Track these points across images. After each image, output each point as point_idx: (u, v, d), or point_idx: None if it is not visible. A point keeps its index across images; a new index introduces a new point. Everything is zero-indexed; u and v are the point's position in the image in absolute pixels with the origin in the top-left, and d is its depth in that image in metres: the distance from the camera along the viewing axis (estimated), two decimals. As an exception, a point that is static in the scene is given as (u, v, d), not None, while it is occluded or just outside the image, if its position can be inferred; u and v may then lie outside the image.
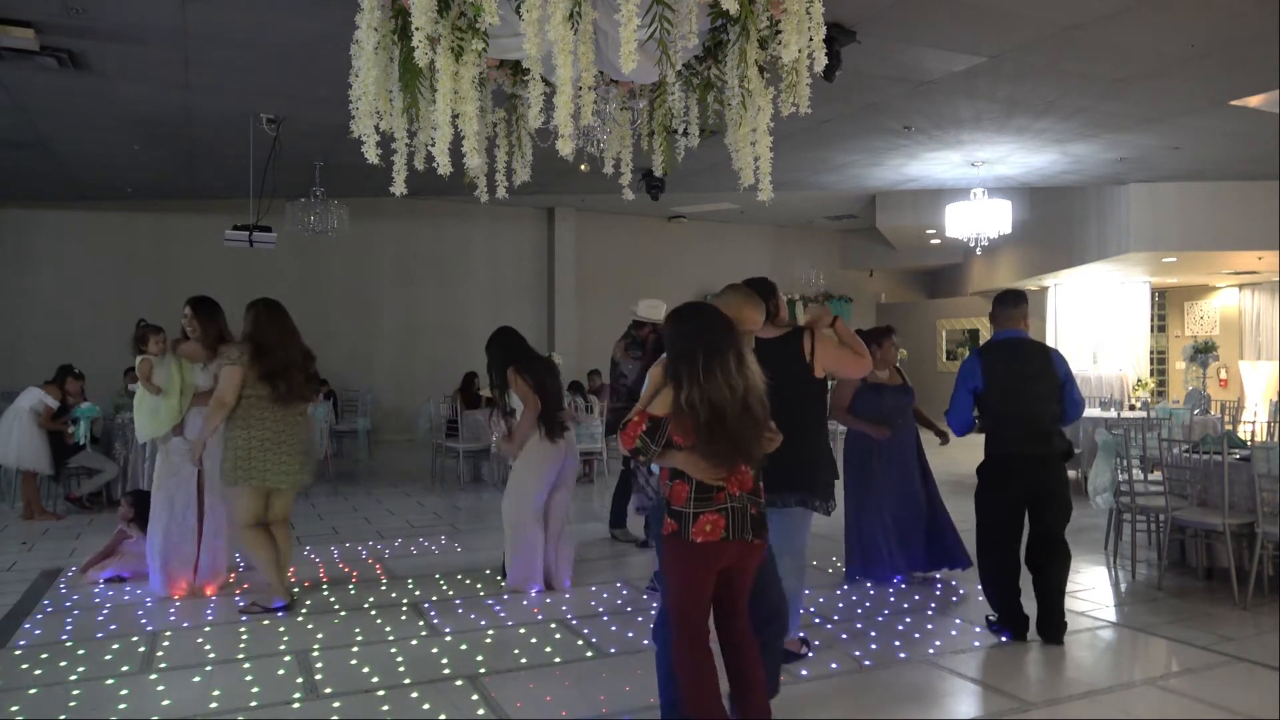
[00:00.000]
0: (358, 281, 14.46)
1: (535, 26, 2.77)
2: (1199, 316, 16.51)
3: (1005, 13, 5.75)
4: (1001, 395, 4.47)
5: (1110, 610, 5.03)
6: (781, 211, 15.15)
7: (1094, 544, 6.51)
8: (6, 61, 6.34)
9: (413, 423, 13.08)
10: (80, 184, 11.32)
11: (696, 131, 3.68)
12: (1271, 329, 14.69)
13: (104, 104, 7.67)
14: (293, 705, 3.63)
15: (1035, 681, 3.95)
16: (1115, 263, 12.40)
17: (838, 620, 4.75)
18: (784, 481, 3.77)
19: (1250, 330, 15.22)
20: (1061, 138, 8.94)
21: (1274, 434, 8.28)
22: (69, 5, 5.51)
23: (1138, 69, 6.80)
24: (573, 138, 2.95)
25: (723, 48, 3.34)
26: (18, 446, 7.49)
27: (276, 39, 6.23)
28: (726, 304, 3.34)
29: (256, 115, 8.06)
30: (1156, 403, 12.66)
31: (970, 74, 6.93)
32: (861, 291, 18.12)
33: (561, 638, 4.47)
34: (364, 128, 3.22)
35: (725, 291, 3.50)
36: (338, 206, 9.75)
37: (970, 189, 10.73)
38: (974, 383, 4.52)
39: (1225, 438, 5.46)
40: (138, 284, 12.80)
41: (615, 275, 15.71)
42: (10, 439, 7.49)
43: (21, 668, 4.03)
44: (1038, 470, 4.43)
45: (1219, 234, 11.38)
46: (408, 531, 7.16)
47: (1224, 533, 5.05)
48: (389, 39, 3.17)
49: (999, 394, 4.48)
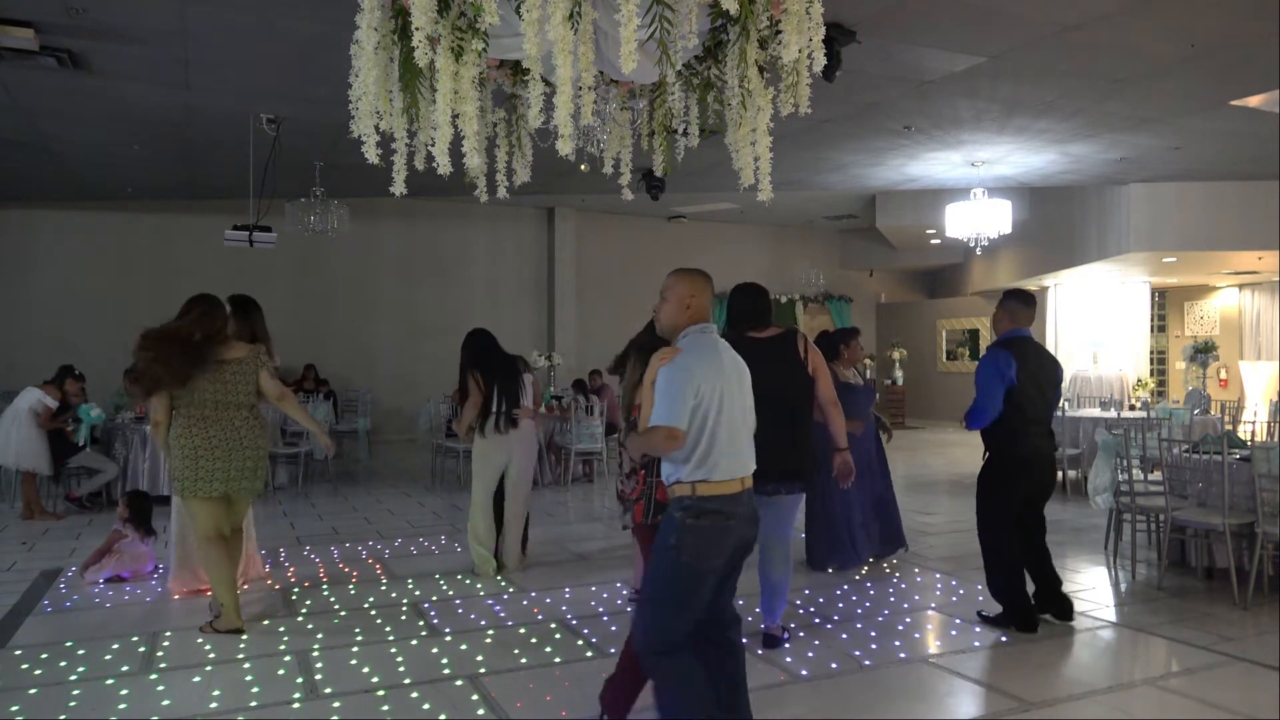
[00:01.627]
0: (358, 281, 14.46)
1: (535, 26, 2.77)
2: (1199, 316, 16.51)
3: (1005, 13, 5.75)
4: (1026, 392, 4.53)
5: (1110, 610, 5.03)
6: (781, 211, 15.15)
7: (1094, 544, 6.52)
8: (6, 61, 6.34)
9: (413, 423, 13.08)
10: (80, 184, 11.32)
11: (696, 131, 3.68)
12: (1271, 329, 14.69)
13: (104, 104, 7.66)
14: (293, 705, 3.63)
15: (1035, 681, 3.95)
16: (1115, 263, 12.40)
17: (838, 620, 4.75)
18: (780, 472, 4.04)
19: (1250, 330, 15.22)
20: (1061, 138, 8.94)
21: (1274, 434, 8.28)
22: (69, 5, 5.50)
23: (1137, 69, 6.79)
24: (573, 138, 2.94)
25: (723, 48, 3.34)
26: (17, 447, 7.48)
27: (276, 39, 6.23)
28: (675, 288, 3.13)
29: (256, 115, 8.05)
30: (1156, 403, 12.66)
31: (970, 74, 6.93)
32: (861, 291, 18.12)
33: (561, 638, 4.47)
34: (364, 128, 3.22)
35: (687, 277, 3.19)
36: (338, 206, 9.75)
37: (970, 189, 10.73)
38: (1010, 375, 4.50)
39: (1225, 438, 5.46)
40: (138, 284, 12.79)
41: (615, 275, 15.71)
42: (10, 440, 7.48)
43: (21, 668, 4.03)
44: (1049, 467, 4.75)
45: (1219, 234, 11.38)
46: (408, 531, 7.16)
47: (1224, 533, 5.05)
48: (389, 39, 3.16)
49: (1025, 391, 4.53)
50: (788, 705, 3.66)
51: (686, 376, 2.87)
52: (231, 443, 4.46)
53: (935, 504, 8.34)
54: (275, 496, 8.82)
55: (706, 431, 2.89)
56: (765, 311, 4.34)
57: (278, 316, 15.65)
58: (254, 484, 4.61)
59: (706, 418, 2.89)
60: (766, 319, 4.31)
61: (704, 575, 2.93)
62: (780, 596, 4.29)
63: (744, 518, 2.98)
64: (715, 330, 3.09)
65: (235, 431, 4.48)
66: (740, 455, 2.99)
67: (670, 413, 2.85)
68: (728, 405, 2.93)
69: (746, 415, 3.06)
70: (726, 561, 2.98)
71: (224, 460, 4.44)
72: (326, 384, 13.03)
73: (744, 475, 2.99)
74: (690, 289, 3.09)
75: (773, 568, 4.28)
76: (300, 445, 9.35)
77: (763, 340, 4.22)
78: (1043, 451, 4.64)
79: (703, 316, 3.09)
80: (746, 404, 3.06)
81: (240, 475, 4.51)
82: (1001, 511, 4.61)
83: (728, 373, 2.99)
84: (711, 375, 2.93)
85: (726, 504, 2.92)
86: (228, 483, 4.48)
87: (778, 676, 3.94)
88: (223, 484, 4.47)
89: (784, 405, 4.07)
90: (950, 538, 6.81)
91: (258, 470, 4.60)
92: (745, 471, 3.00)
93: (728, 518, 2.92)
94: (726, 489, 2.92)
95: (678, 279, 3.14)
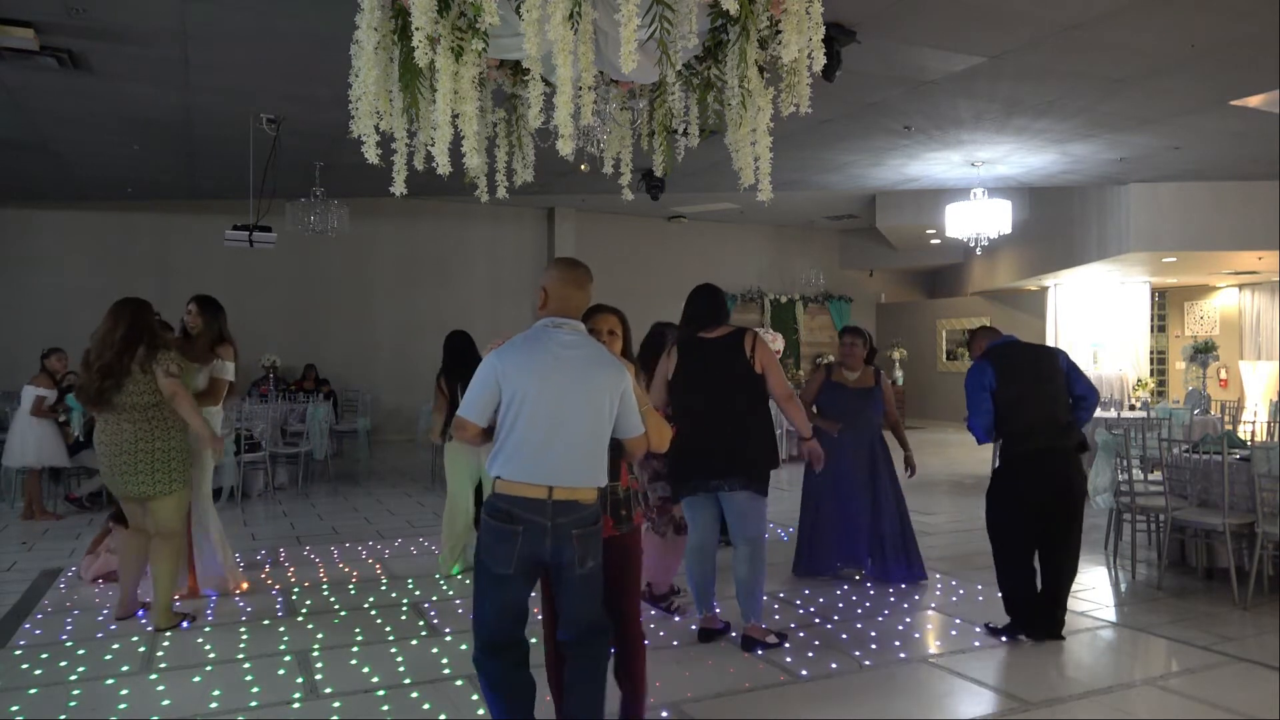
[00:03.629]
0: (358, 281, 14.46)
1: (535, 26, 2.77)
2: (1199, 316, 16.51)
3: (1005, 13, 5.75)
4: (1016, 395, 4.47)
5: (1110, 610, 5.03)
6: (781, 211, 15.15)
7: (1094, 544, 6.51)
8: (6, 61, 6.34)
9: (413, 423, 13.07)
10: (80, 184, 11.33)
11: (696, 131, 3.68)
12: (1271, 329, 14.68)
13: (104, 104, 7.67)
14: (293, 705, 3.63)
15: (1035, 681, 3.95)
16: (1115, 263, 12.40)
17: (838, 620, 4.75)
18: (724, 468, 4.17)
19: (1250, 330, 15.22)
20: (1061, 138, 8.94)
21: (1274, 434, 8.28)
22: (69, 5, 5.51)
23: (1138, 69, 6.80)
24: (573, 138, 2.94)
25: (723, 48, 3.33)
26: (36, 446, 7.57)
27: (276, 39, 6.23)
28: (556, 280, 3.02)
29: (256, 115, 8.05)
30: (1156, 403, 12.66)
31: (970, 74, 6.93)
32: (861, 291, 18.12)
33: (561, 638, 4.47)
34: (364, 128, 3.22)
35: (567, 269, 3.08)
36: (338, 206, 9.76)
37: (970, 189, 10.73)
38: (988, 382, 4.46)
39: (1225, 438, 5.46)
40: (138, 284, 12.77)
41: (615, 275, 15.67)
42: (28, 442, 7.58)
43: (21, 668, 4.03)
44: (1059, 464, 4.42)
45: (1219, 234, 11.38)
46: (408, 531, 7.16)
47: (1224, 533, 5.05)
48: (389, 39, 3.16)
49: (1013, 395, 4.47)
50: (788, 705, 3.66)
51: (490, 370, 2.80)
52: (115, 444, 4.49)
53: (935, 504, 8.34)
54: (275, 496, 8.83)
55: (508, 428, 2.77)
56: (716, 311, 4.41)
57: (278, 316, 15.72)
58: (137, 485, 4.50)
59: (513, 415, 2.76)
60: (718, 319, 4.39)
61: (498, 579, 2.77)
62: (751, 596, 4.25)
63: (537, 528, 2.73)
64: (570, 327, 2.91)
65: (120, 433, 4.49)
66: (550, 462, 2.75)
67: (465, 402, 2.83)
68: (544, 406, 2.75)
69: (579, 422, 2.79)
70: (519, 571, 2.76)
71: (107, 460, 4.53)
72: (327, 384, 13.04)
73: (552, 484, 2.75)
74: (549, 281, 2.99)
75: (738, 566, 4.28)
76: (300, 445, 9.36)
77: (711, 340, 4.32)
78: (1051, 448, 4.39)
79: (560, 310, 2.93)
80: (581, 409, 2.79)
81: (119, 473, 4.50)
82: (1011, 515, 4.49)
83: (554, 374, 2.78)
84: (525, 373, 2.77)
85: (516, 506, 2.74)
86: (112, 482, 4.57)
87: (778, 677, 3.94)
88: (109, 483, 4.61)
89: (729, 403, 4.20)
90: (950, 538, 6.81)
91: (141, 470, 4.48)
92: (555, 480, 2.75)
93: (513, 521, 2.73)
94: (520, 491, 2.74)
95: (546, 270, 3.04)
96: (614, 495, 3.12)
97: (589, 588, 2.85)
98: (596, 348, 2.94)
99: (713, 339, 4.32)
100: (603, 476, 2.86)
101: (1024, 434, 4.45)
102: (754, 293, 16.99)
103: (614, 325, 3.36)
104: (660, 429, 3.14)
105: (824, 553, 5.57)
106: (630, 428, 2.94)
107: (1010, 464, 4.50)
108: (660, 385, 4.42)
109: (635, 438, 2.97)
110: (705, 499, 4.30)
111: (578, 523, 2.78)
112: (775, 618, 4.78)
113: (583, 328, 2.98)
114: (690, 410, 4.27)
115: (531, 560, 2.78)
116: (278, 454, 9.21)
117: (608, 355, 2.95)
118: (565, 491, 2.76)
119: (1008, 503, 4.51)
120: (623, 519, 3.15)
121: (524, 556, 2.76)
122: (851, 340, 5.60)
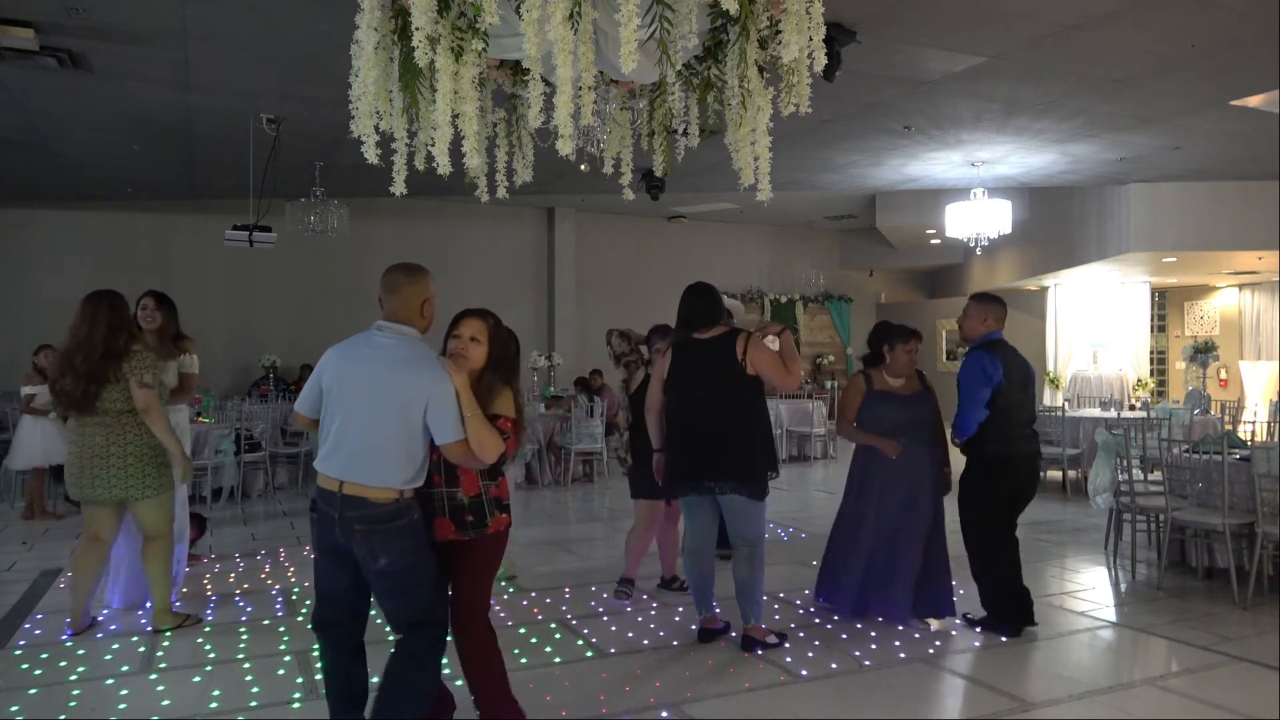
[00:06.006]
0: (358, 281, 14.40)
1: (535, 26, 2.77)
2: (1199, 316, 16.51)
3: (1005, 13, 5.75)
4: (1011, 394, 4.50)
5: (1110, 610, 5.03)
6: (781, 211, 15.15)
7: (1094, 544, 6.52)
8: (6, 61, 6.34)
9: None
10: (80, 184, 11.32)
11: (696, 131, 3.68)
12: (1271, 329, 14.69)
13: (104, 104, 7.66)
14: (293, 705, 3.63)
15: (1035, 681, 3.95)
16: (1115, 263, 12.40)
17: (838, 620, 4.75)
18: (716, 470, 4.14)
19: (1250, 330, 15.22)
20: (1061, 138, 8.94)
21: (1274, 434, 8.28)
22: (69, 5, 5.50)
23: (1138, 69, 6.79)
24: (573, 138, 2.94)
25: (723, 48, 3.34)
26: (43, 446, 7.54)
27: (276, 39, 6.23)
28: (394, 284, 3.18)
29: (256, 115, 8.05)
30: (1156, 403, 12.66)
31: (970, 74, 6.93)
32: (861, 291, 18.11)
33: (561, 638, 4.47)
34: (364, 128, 3.22)
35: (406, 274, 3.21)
36: (338, 206, 9.75)
37: (970, 189, 10.73)
38: (997, 377, 4.45)
39: (1225, 438, 5.46)
40: (138, 284, 12.72)
41: (615, 275, 15.71)
42: (34, 442, 7.55)
43: (21, 668, 4.03)
44: (1034, 469, 4.71)
45: (1219, 234, 11.37)
46: (408, 531, 7.15)
47: (1224, 533, 5.05)
48: (389, 39, 3.16)
49: (1010, 392, 4.50)
50: (788, 705, 3.66)
51: (318, 367, 3.04)
52: (87, 449, 4.40)
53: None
54: (275, 496, 8.82)
55: (323, 423, 2.98)
56: (710, 311, 4.35)
57: (278, 316, 15.69)
58: (109, 489, 4.41)
59: (324, 410, 2.98)
60: (712, 319, 4.34)
61: (314, 562, 3.05)
62: (749, 597, 4.26)
63: (328, 518, 2.91)
64: (392, 330, 3.03)
65: (91, 437, 4.39)
66: (342, 457, 2.88)
67: (300, 396, 3.09)
68: (342, 403, 2.92)
69: (370, 421, 2.87)
70: (323, 556, 2.99)
71: (76, 464, 4.41)
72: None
73: (343, 478, 2.86)
74: (383, 284, 3.18)
75: (737, 567, 4.29)
76: (300, 445, 9.35)
77: (704, 341, 4.29)
78: (1028, 452, 4.59)
79: (387, 314, 3.10)
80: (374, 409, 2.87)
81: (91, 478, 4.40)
82: (993, 514, 4.53)
83: (355, 373, 2.93)
84: (335, 371, 2.97)
85: (319, 497, 2.95)
86: (80, 487, 4.42)
87: (778, 677, 3.94)
88: (76, 488, 4.44)
89: (720, 404, 4.18)
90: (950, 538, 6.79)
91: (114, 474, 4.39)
92: (344, 475, 2.86)
93: (314, 509, 2.98)
94: (322, 483, 2.94)
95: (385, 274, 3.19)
96: (451, 500, 3.05)
97: (393, 584, 2.95)
98: (408, 351, 2.97)
99: (705, 340, 4.29)
100: (396, 478, 2.87)
101: (1009, 436, 4.50)
102: (754, 293, 16.99)
103: (477, 331, 3.14)
104: (484, 439, 2.91)
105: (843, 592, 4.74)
106: (443, 434, 2.89)
107: (989, 466, 4.50)
108: (656, 386, 4.43)
109: (450, 444, 2.91)
110: (703, 500, 4.29)
111: (363, 519, 2.86)
112: (775, 618, 4.78)
113: (409, 331, 3.06)
114: (681, 411, 4.28)
115: (333, 549, 2.95)
116: (278, 454, 9.21)
117: (419, 359, 2.95)
118: (354, 487, 2.87)
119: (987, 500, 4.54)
120: (467, 525, 3.06)
121: (322, 544, 2.97)
122: (916, 345, 4.69)
